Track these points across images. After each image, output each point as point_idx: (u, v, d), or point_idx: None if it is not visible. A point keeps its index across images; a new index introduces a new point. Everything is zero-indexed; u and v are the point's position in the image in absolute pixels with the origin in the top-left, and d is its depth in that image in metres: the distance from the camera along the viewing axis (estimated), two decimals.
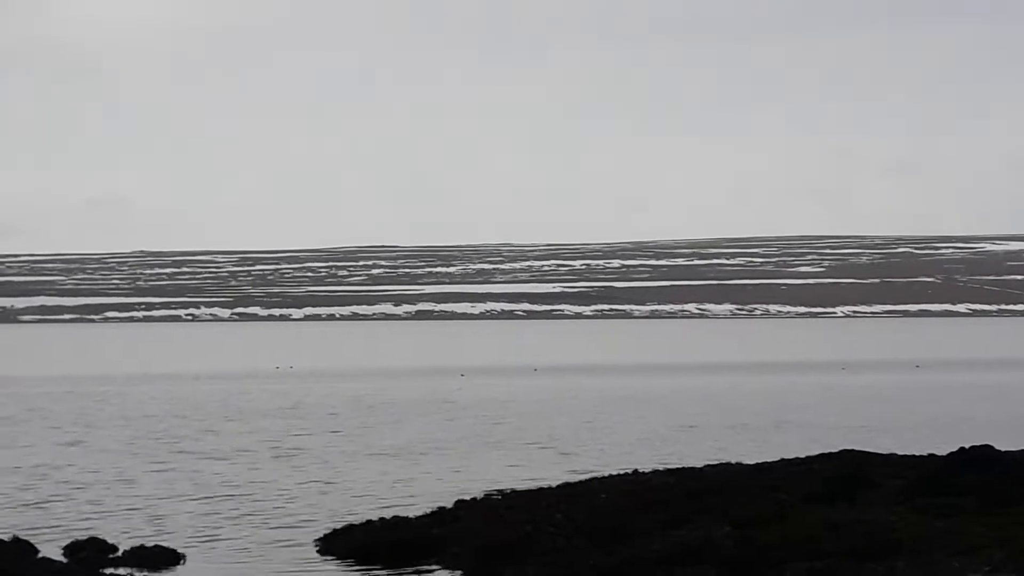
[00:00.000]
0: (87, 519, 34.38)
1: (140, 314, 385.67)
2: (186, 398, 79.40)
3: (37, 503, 37.19)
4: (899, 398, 76.01)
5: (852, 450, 36.56)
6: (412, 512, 32.95)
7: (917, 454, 36.26)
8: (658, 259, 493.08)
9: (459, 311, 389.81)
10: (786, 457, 36.97)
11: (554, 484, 35.82)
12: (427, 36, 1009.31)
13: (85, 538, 30.46)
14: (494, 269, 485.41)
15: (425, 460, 46.74)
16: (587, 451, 48.91)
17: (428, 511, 32.69)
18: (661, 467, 38.44)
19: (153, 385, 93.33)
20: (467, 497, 34.57)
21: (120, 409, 71.24)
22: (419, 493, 38.13)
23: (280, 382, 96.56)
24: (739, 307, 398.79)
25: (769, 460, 36.91)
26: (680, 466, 38.28)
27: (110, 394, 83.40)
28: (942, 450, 35.83)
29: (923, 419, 61.93)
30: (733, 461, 38.25)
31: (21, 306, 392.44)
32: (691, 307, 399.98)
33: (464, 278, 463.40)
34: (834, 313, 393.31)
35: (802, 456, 36.74)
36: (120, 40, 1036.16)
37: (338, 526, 31.53)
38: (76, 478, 42.40)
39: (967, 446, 32.47)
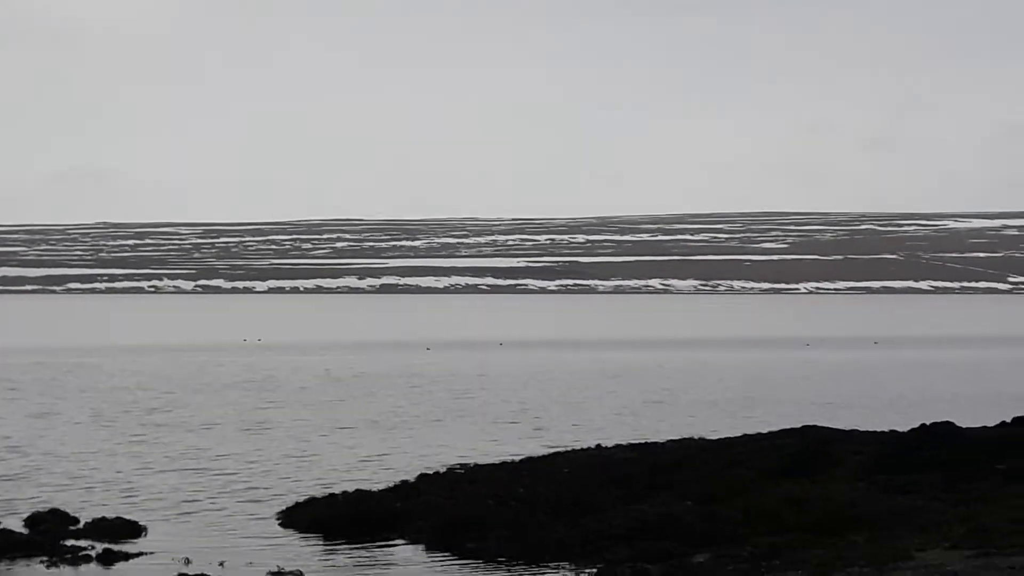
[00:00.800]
0: (53, 492, 34.22)
1: (102, 286, 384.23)
2: (154, 371, 79.14)
3: (5, 476, 37.01)
4: (862, 375, 76.31)
5: (814, 426, 36.70)
6: (381, 485, 32.97)
7: (878, 430, 36.41)
8: (623, 234, 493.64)
9: (423, 285, 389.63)
10: (757, 432, 37.07)
11: (517, 458, 35.87)
12: (397, 16, 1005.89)
13: (46, 510, 30.37)
14: (459, 243, 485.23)
15: (396, 434, 46.66)
16: (559, 426, 48.85)
17: (391, 485, 32.69)
18: (631, 442, 38.48)
19: (120, 357, 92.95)
20: (430, 471, 34.57)
21: (88, 381, 70.96)
22: (390, 467, 38.05)
23: (248, 355, 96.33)
24: (703, 283, 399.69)
25: (731, 435, 37.04)
26: (643, 441, 38.37)
27: (78, 366, 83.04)
28: (903, 426, 35.99)
29: (885, 395, 62.18)
30: (696, 436, 38.37)
31: None
32: (655, 282, 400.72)
33: (429, 252, 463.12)
34: (797, 289, 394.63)
35: (765, 431, 36.88)
36: (91, 13, 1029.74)
37: (301, 499, 31.52)
38: (44, 450, 42.20)
39: (928, 423, 32.64)
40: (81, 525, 29.18)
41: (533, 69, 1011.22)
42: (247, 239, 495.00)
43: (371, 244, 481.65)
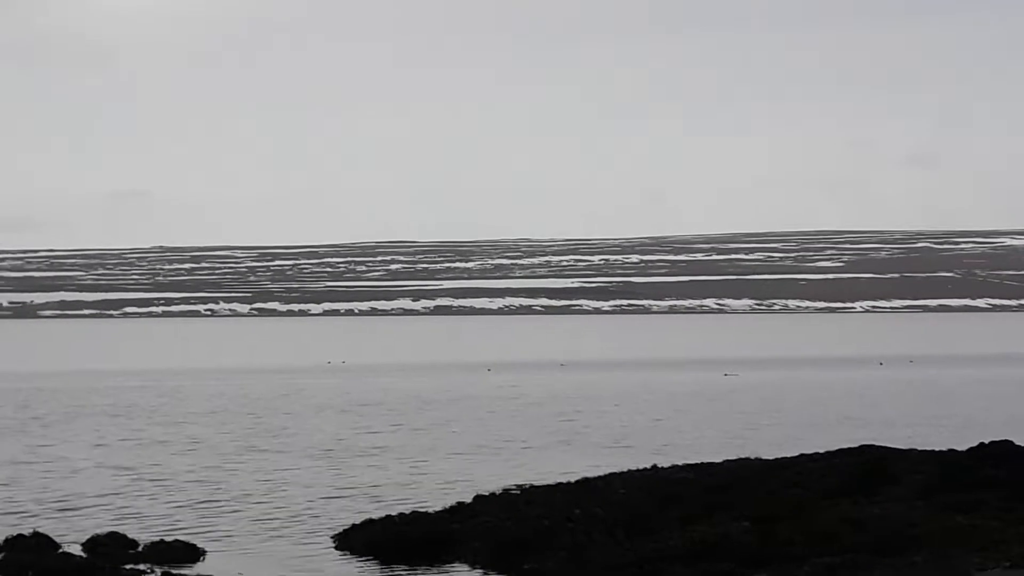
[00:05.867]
0: (125, 517, 34.20)
1: (159, 309, 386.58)
2: (250, 394, 78.50)
3: (86, 500, 37.04)
4: (927, 393, 75.90)
5: (872, 445, 36.51)
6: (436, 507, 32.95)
7: (937, 449, 36.18)
8: (676, 254, 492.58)
9: (477, 306, 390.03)
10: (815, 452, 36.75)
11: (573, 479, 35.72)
12: (445, 33, 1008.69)
13: (105, 533, 30.52)
14: (512, 264, 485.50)
15: (510, 457, 45.85)
16: (677, 449, 47.39)
17: (446, 506, 32.67)
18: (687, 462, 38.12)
19: (212, 380, 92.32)
20: (485, 492, 34.50)
21: (184, 405, 70.55)
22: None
23: (336, 377, 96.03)
24: (758, 302, 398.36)
25: (788, 455, 36.85)
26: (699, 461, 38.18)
27: (173, 390, 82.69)
28: (961, 445, 35.74)
29: (945, 414, 61.82)
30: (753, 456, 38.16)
31: (40, 301, 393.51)
32: (710, 302, 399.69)
33: (482, 273, 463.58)
34: (853, 308, 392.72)
35: (823, 451, 36.68)
36: (139, 33, 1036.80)
37: (358, 521, 31.53)
38: (137, 475, 41.99)
39: (987, 441, 32.44)
40: (140, 548, 29.33)
41: (577, 83, 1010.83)
42: (301, 262, 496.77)
43: (424, 266, 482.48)
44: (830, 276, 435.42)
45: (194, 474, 42.11)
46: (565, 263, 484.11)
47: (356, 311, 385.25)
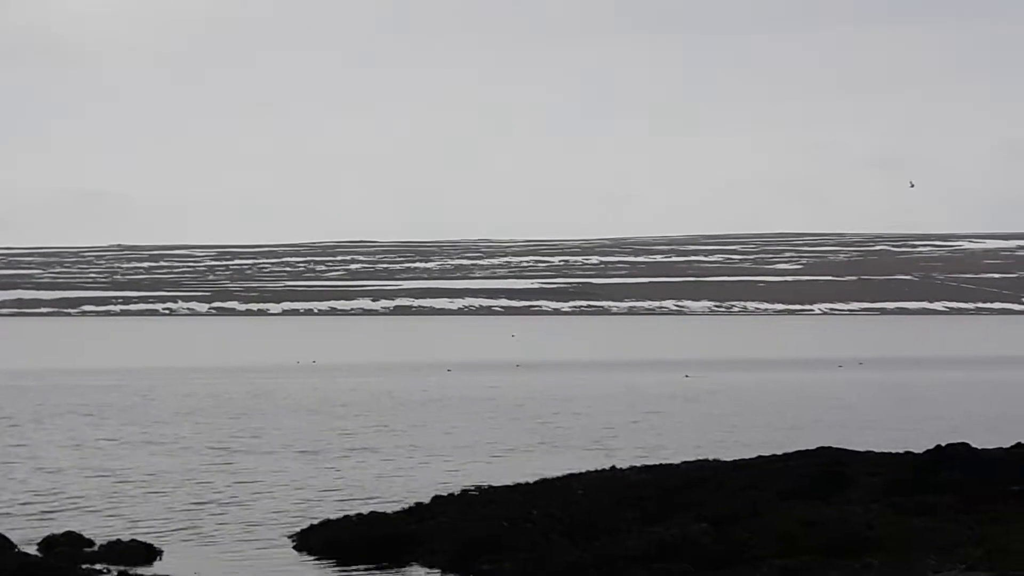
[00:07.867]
0: (95, 516, 33.97)
1: (117, 308, 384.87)
2: (223, 393, 77.97)
3: (69, 501, 36.61)
4: (885, 396, 76.20)
5: (829, 447, 36.60)
6: (393, 507, 32.88)
7: (894, 451, 36.30)
8: (636, 255, 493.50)
9: (437, 307, 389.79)
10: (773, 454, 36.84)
11: (531, 479, 35.72)
12: (408, 34, 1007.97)
13: (61, 533, 30.32)
14: (472, 265, 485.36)
15: (494, 460, 45.42)
16: (661, 451, 46.76)
17: (405, 507, 32.60)
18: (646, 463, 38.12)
19: (184, 380, 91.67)
20: (444, 492, 34.45)
21: (161, 404, 70.01)
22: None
23: (308, 376, 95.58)
24: (717, 304, 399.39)
25: (747, 457, 36.92)
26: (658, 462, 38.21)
27: (147, 388, 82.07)
28: (919, 447, 35.89)
29: (901, 416, 62.09)
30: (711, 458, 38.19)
31: None
32: (669, 303, 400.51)
33: (442, 274, 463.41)
34: (811, 311, 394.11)
35: (780, 453, 36.77)
36: (103, 32, 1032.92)
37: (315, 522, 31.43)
38: (114, 477, 41.49)
39: (944, 444, 32.58)
40: (96, 548, 29.17)
41: (538, 85, 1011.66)
42: (261, 261, 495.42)
43: (384, 266, 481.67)
44: (788, 278, 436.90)
45: (167, 475, 41.72)
46: (525, 264, 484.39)
47: (315, 311, 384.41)
